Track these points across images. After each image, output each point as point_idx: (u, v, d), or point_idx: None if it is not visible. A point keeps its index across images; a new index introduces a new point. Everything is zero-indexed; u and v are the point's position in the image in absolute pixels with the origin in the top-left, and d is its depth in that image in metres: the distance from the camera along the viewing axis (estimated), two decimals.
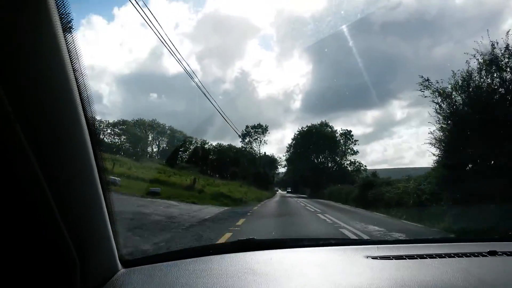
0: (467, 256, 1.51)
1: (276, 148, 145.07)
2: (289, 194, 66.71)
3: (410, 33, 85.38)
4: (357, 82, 69.92)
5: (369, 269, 1.40)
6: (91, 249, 1.09)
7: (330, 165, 65.68)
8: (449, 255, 1.51)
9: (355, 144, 66.20)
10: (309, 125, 66.53)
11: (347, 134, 66.43)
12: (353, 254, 1.63)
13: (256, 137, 69.15)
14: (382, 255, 1.54)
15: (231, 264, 1.45)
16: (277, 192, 70.08)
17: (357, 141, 67.30)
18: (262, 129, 69.85)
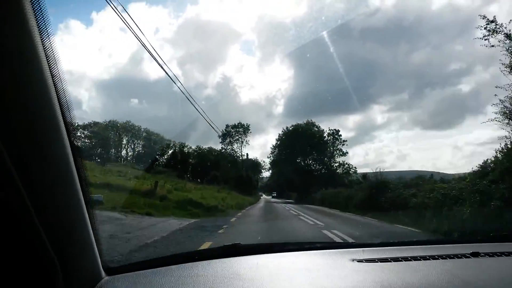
0: (451, 258, 1.50)
1: (259, 153, 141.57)
2: (274, 199, 62.28)
3: (389, 39, 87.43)
4: (339, 87, 68.57)
5: (354, 272, 1.39)
6: (73, 257, 1.08)
7: (318, 167, 60.39)
8: (434, 257, 1.50)
9: (343, 145, 61.21)
10: (295, 124, 61.17)
11: (335, 134, 60.84)
12: (338, 258, 1.62)
13: (237, 137, 64.21)
14: (367, 258, 1.52)
15: (217, 270, 1.43)
16: (262, 197, 66.35)
17: (345, 141, 61.10)
18: (244, 129, 64.65)
